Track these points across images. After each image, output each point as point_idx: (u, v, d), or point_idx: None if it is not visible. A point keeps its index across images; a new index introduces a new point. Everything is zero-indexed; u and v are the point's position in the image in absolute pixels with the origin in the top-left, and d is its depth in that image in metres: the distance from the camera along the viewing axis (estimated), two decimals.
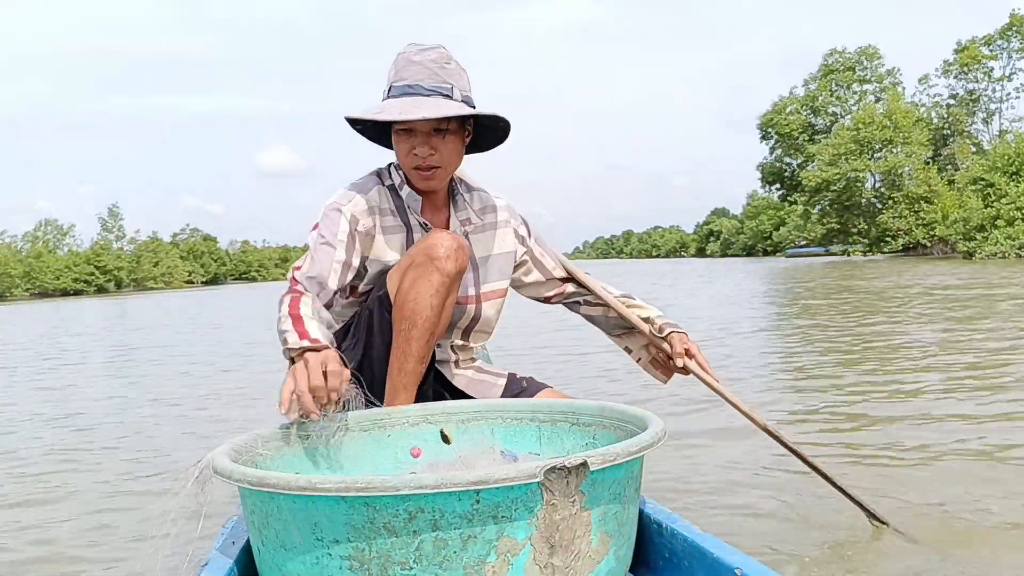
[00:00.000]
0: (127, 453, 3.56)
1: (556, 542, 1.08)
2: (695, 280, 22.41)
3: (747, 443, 2.95)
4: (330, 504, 1.04)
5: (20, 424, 4.57)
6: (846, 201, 47.48)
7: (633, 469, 1.21)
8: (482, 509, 1.04)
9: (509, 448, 1.58)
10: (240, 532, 1.32)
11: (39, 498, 2.84)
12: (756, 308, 11.24)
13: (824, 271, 25.05)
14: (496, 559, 1.05)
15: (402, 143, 1.76)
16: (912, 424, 3.25)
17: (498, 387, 1.91)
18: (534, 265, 1.99)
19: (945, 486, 2.36)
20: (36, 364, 8.53)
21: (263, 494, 1.09)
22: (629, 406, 1.43)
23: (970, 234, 34.46)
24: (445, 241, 1.64)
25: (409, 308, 1.63)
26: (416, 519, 1.03)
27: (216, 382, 6.01)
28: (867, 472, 2.56)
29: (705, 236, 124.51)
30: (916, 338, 6.19)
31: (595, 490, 1.11)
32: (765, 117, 55.22)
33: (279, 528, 1.10)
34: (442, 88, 1.72)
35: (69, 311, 27.26)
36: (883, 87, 52.00)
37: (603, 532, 1.14)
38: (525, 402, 1.63)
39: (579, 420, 1.53)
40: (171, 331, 13.15)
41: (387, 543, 1.04)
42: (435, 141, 1.74)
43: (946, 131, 49.98)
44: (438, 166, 1.76)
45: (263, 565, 1.17)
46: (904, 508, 2.14)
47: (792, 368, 5.14)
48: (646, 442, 1.17)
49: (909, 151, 45.01)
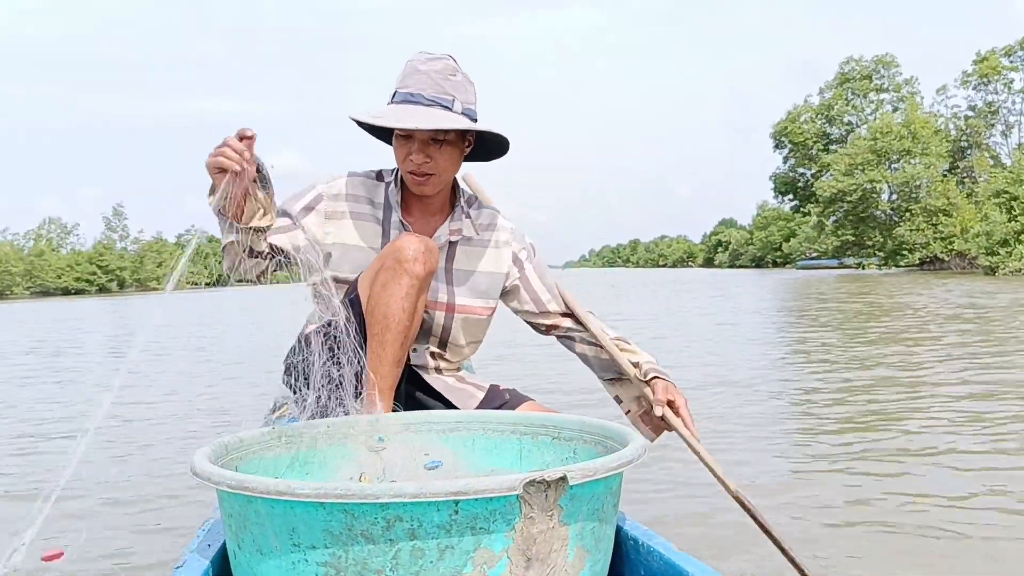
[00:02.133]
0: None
1: (533, 555, 1.10)
2: (711, 291, 21.96)
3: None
4: (308, 510, 1.06)
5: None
6: (862, 213, 47.25)
7: (612, 485, 1.22)
8: (460, 520, 1.06)
9: (488, 463, 1.60)
10: (217, 534, 1.35)
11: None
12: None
13: (855, 286, 23.66)
14: (472, 570, 1.07)
15: (400, 148, 1.83)
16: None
17: (476, 398, 1.92)
18: (527, 294, 1.99)
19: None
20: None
21: (241, 497, 1.11)
22: (610, 422, 1.45)
23: (993, 248, 34.20)
24: (412, 244, 1.68)
25: (381, 312, 1.67)
26: (394, 527, 1.05)
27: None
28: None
29: (713, 246, 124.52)
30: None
31: (573, 505, 1.12)
32: (779, 125, 55.14)
33: (256, 532, 1.12)
34: (442, 99, 1.78)
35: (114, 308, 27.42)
36: (900, 96, 51.83)
37: (580, 547, 1.16)
38: (507, 414, 1.65)
39: (560, 434, 1.54)
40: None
41: (364, 550, 1.06)
42: (431, 149, 1.80)
43: (963, 143, 49.73)
44: (432, 173, 1.82)
45: (239, 569, 1.18)
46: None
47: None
48: (626, 458, 1.19)
49: (928, 162, 44.78)
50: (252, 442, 1.43)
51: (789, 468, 3.17)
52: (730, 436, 3.70)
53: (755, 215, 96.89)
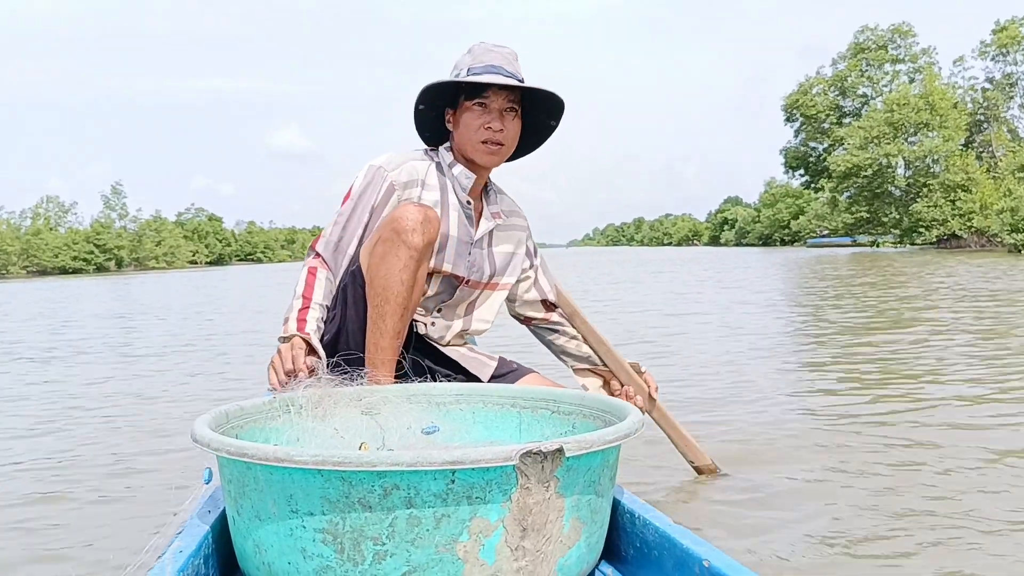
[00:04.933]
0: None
1: (528, 525, 1.13)
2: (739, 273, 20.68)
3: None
4: (306, 477, 1.10)
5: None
6: (876, 188, 46.80)
7: (609, 458, 1.26)
8: (457, 489, 1.09)
9: (486, 434, 1.64)
10: (217, 501, 1.39)
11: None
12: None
13: (905, 264, 21.65)
14: (468, 539, 1.10)
15: (475, 117, 1.92)
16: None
17: (489, 367, 2.01)
18: (534, 284, 2.16)
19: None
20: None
21: (240, 464, 1.15)
22: (609, 397, 1.49)
23: (1018, 225, 33.63)
24: (411, 213, 1.72)
25: (380, 284, 1.70)
26: (391, 496, 1.09)
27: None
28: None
29: (719, 224, 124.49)
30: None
31: (570, 476, 1.16)
32: (790, 98, 54.45)
33: (255, 498, 1.15)
34: (517, 75, 1.93)
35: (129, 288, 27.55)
36: (917, 67, 51.13)
37: (576, 518, 1.19)
38: (507, 388, 1.69)
39: (559, 408, 1.58)
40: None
41: (361, 518, 1.09)
42: (506, 120, 1.92)
43: (980, 116, 49.14)
44: (503, 143, 1.93)
45: (237, 535, 1.23)
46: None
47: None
48: (623, 432, 1.22)
49: (946, 135, 44.23)
50: (253, 411, 1.47)
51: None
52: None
53: (762, 192, 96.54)
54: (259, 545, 1.17)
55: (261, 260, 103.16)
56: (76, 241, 72.62)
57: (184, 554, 1.15)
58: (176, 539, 1.20)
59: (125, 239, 77.97)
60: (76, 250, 71.57)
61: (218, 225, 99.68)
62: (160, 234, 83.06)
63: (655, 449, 2.62)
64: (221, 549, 1.30)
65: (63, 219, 78.96)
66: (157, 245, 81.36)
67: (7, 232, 68.23)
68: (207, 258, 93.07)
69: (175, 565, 1.11)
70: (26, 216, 75.91)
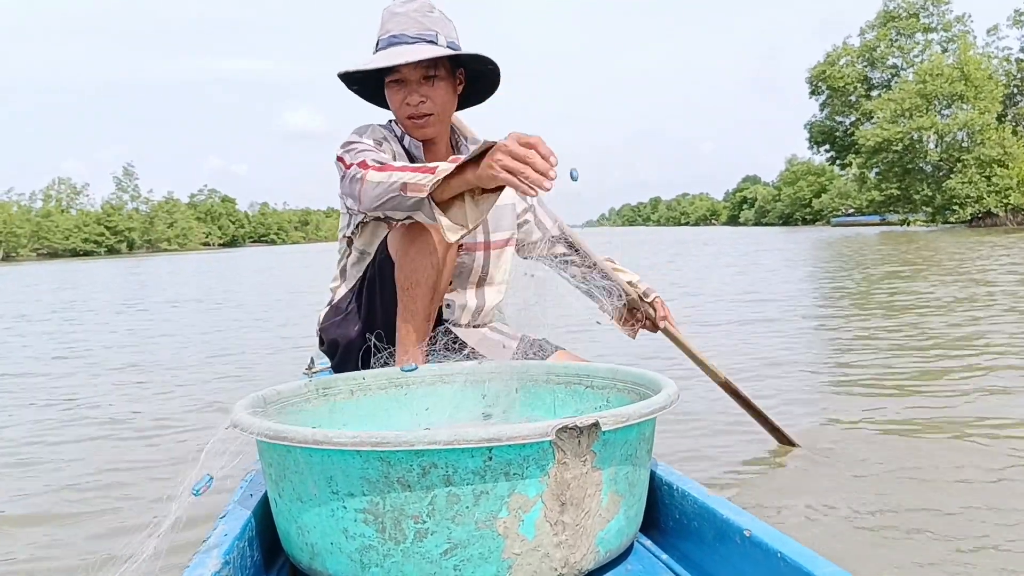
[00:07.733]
0: None
1: (567, 500, 1.16)
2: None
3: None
4: (345, 458, 1.13)
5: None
6: (908, 164, 45.89)
7: (645, 431, 1.28)
8: (494, 466, 1.12)
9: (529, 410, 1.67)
10: (258, 485, 1.42)
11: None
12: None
13: (972, 245, 18.77)
14: (508, 515, 1.13)
15: (395, 95, 1.89)
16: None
17: (508, 349, 2.01)
18: (536, 225, 2.15)
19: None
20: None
21: (280, 447, 1.19)
22: (643, 369, 1.51)
23: None
24: None
25: (409, 267, 1.73)
26: (429, 474, 1.12)
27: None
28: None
29: (738, 203, 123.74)
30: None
31: (606, 450, 1.18)
32: (816, 69, 53.20)
33: (295, 481, 1.19)
34: (426, 35, 1.85)
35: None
36: (951, 36, 50.03)
37: (613, 492, 1.22)
38: (540, 364, 1.71)
39: (593, 383, 1.61)
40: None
41: (401, 497, 1.12)
42: (425, 89, 1.87)
43: (1014, 88, 48.03)
44: (430, 113, 1.89)
45: (280, 517, 1.26)
46: None
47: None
48: (658, 405, 1.25)
49: (982, 107, 43.26)
50: (290, 394, 1.51)
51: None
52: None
53: (783, 170, 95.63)
54: (301, 527, 1.21)
55: (275, 241, 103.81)
56: (87, 223, 73.33)
57: (229, 537, 1.18)
58: (220, 523, 1.24)
59: (137, 221, 78.64)
60: (87, 232, 72.30)
61: (231, 206, 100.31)
62: (172, 216, 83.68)
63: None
64: (264, 532, 1.34)
65: (75, 201, 79.76)
66: (169, 227, 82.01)
67: (18, 214, 68.91)
68: (220, 240, 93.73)
69: (221, 549, 1.14)
70: (37, 198, 76.68)
